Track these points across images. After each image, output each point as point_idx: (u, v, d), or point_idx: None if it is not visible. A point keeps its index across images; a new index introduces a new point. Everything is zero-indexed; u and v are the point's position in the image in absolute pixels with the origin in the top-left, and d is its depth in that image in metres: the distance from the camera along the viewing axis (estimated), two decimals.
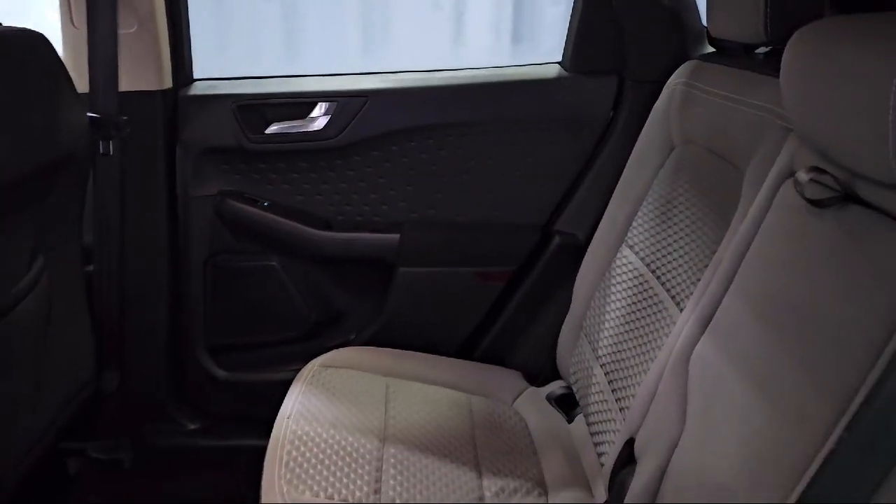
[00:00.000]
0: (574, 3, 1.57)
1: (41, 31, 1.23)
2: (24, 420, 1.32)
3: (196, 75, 1.66)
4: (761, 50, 1.20)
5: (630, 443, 1.06)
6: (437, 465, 1.25)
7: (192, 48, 1.63)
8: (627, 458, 1.06)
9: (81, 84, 1.37)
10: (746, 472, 0.76)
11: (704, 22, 1.45)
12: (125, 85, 1.47)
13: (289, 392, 1.39)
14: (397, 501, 1.15)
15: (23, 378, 1.31)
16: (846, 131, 0.69)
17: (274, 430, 1.28)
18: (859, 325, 0.67)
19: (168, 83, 1.54)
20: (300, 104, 1.59)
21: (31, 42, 1.21)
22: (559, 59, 1.65)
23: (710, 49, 1.38)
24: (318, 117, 1.59)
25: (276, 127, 1.59)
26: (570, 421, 1.46)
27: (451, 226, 1.65)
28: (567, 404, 1.48)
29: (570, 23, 1.59)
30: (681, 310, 1.09)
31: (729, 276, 0.92)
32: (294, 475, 1.16)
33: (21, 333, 1.27)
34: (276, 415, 1.32)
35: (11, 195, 1.13)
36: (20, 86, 1.17)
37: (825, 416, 0.66)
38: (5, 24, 1.21)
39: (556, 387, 1.52)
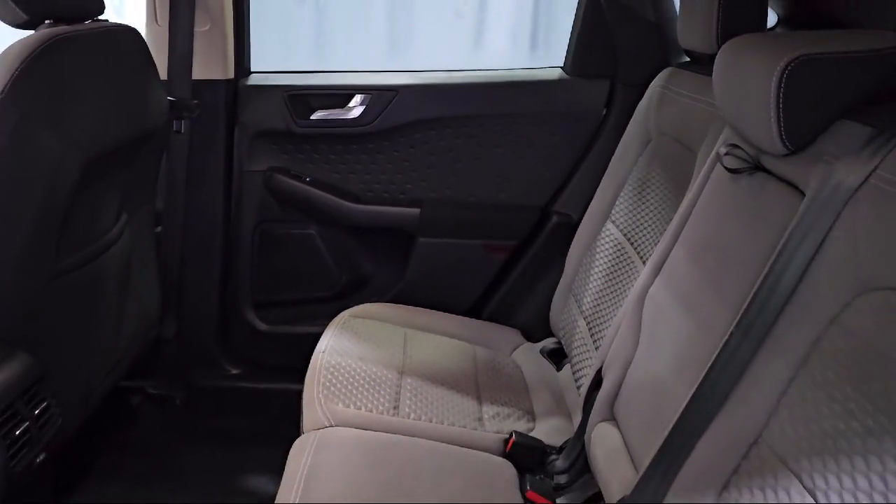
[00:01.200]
0: (575, 17, 1.83)
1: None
2: (106, 351, 1.59)
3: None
4: None
5: (599, 371, 1.32)
6: (445, 394, 1.51)
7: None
8: (596, 383, 1.31)
9: (161, 72, 1.65)
10: (675, 370, 1.02)
11: None
12: (196, 74, 1.75)
13: (323, 334, 1.65)
14: (412, 417, 1.41)
15: (109, 314, 1.57)
16: (749, 116, 0.95)
17: (311, 362, 1.54)
18: (753, 255, 0.93)
19: (231, 74, 1.81)
20: (340, 95, 1.86)
21: (129, 36, 1.49)
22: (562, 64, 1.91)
23: (686, 59, 1.63)
24: (355, 107, 1.86)
25: (319, 114, 1.86)
26: (558, 370, 1.71)
27: (464, 204, 1.91)
28: (557, 357, 1.73)
29: (571, 34, 1.85)
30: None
31: (676, 232, 1.18)
32: (329, 391, 1.42)
33: (109, 276, 1.54)
34: (307, 364, 1.54)
35: (108, 161, 1.39)
36: (121, 71, 1.45)
37: (726, 320, 0.92)
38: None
39: (548, 342, 1.78)
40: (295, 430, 1.39)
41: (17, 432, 1.10)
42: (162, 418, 2.01)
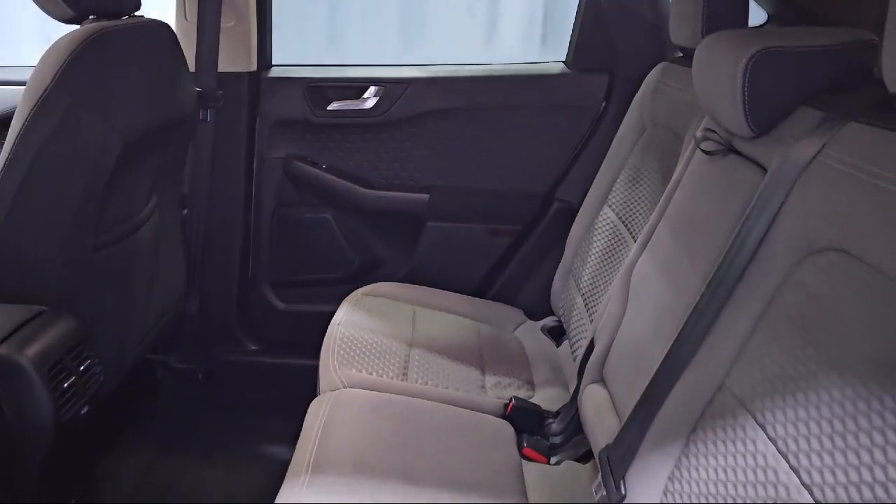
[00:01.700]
0: (576, 14, 1.95)
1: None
2: (138, 321, 1.72)
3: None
4: None
5: (592, 340, 1.43)
6: (450, 365, 1.63)
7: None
8: (589, 351, 1.43)
9: (189, 65, 1.77)
10: (654, 331, 1.13)
11: None
12: (222, 67, 1.88)
13: (338, 310, 1.77)
14: (419, 382, 1.53)
15: (140, 287, 1.70)
16: (721, 103, 1.06)
17: (327, 333, 1.66)
18: (722, 226, 1.04)
19: (254, 67, 1.94)
20: (355, 87, 1.99)
21: (162, 31, 1.61)
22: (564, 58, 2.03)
23: (680, 54, 1.74)
24: (369, 98, 1.98)
25: (335, 105, 1.98)
26: (558, 346, 1.82)
27: (470, 190, 2.03)
28: (557, 334, 1.85)
29: (573, 30, 1.96)
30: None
31: (662, 210, 1.29)
32: (343, 359, 1.54)
33: (140, 253, 1.67)
34: (321, 341, 1.64)
35: (142, 146, 1.51)
36: (155, 63, 1.58)
37: (698, 284, 1.04)
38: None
39: (549, 320, 1.89)
40: (309, 403, 1.46)
41: (66, 385, 1.23)
42: (184, 390, 2.14)
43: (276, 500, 1.15)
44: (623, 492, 1.05)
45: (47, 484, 1.28)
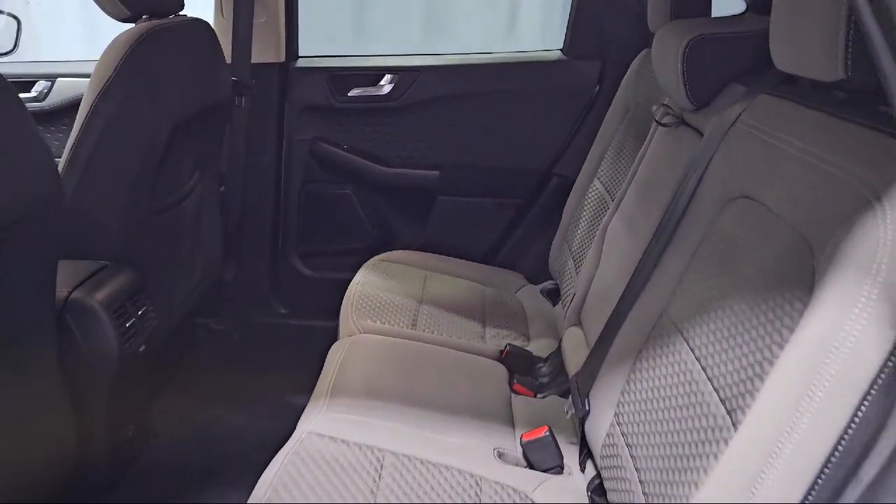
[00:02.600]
0: (570, 6, 2.14)
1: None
2: (182, 283, 1.96)
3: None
4: None
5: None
6: (455, 319, 1.84)
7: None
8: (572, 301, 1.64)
9: (226, 57, 2.00)
10: (617, 275, 1.34)
11: None
12: (254, 58, 2.11)
13: (357, 273, 2.00)
14: (426, 332, 1.75)
15: (185, 253, 1.94)
16: (670, 81, 1.26)
17: (347, 291, 1.89)
18: (670, 184, 1.24)
19: (282, 58, 2.17)
20: (372, 75, 2.21)
21: (202, 27, 1.85)
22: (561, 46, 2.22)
23: None
24: (385, 85, 2.20)
25: (355, 91, 2.21)
26: (554, 305, 2.03)
27: (477, 167, 2.24)
28: (554, 295, 2.05)
29: (568, 20, 2.16)
30: None
31: (632, 177, 1.50)
32: (360, 312, 1.77)
33: (186, 221, 1.91)
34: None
35: (187, 128, 1.74)
36: (197, 55, 1.81)
37: (649, 233, 1.24)
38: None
39: (547, 284, 2.10)
40: None
41: (127, 325, 1.47)
42: (222, 349, 2.38)
43: (301, 422, 1.38)
44: (587, 408, 1.27)
45: (112, 410, 1.53)
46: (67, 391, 1.37)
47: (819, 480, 0.68)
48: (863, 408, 0.66)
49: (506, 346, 1.71)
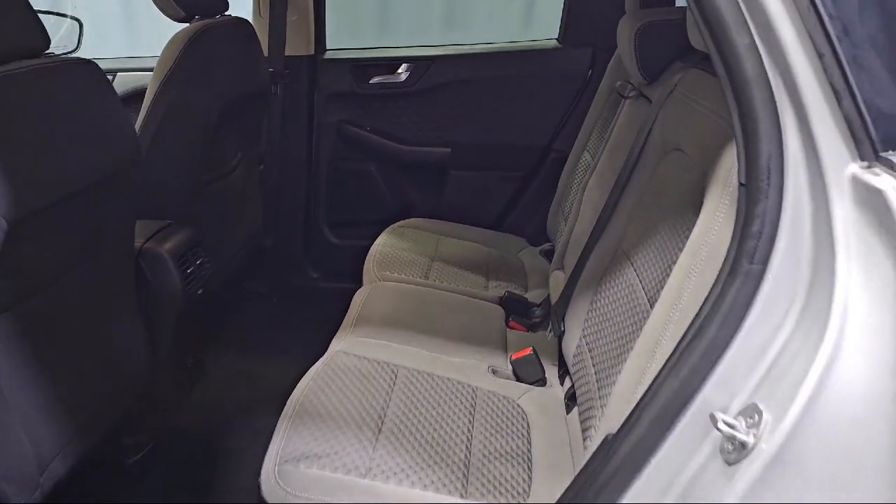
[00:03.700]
0: (564, 1, 2.41)
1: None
2: (228, 244, 2.28)
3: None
4: None
5: None
6: (462, 273, 2.13)
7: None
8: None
9: (263, 50, 2.31)
10: (587, 222, 1.62)
11: None
12: (288, 52, 2.42)
13: (379, 237, 2.30)
14: (436, 282, 2.04)
15: (231, 219, 2.26)
16: (629, 60, 1.53)
17: (369, 251, 2.19)
18: (629, 143, 1.52)
19: (312, 51, 2.47)
20: (391, 65, 2.50)
21: (244, 25, 2.16)
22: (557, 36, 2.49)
23: None
24: (402, 73, 2.49)
25: (376, 79, 2.51)
26: (550, 262, 2.31)
27: (484, 145, 2.52)
28: (551, 255, 2.32)
29: (562, 11, 2.43)
30: None
31: (607, 142, 1.77)
32: (380, 264, 2.07)
33: (231, 193, 2.23)
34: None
35: (232, 111, 2.05)
36: (240, 49, 2.13)
37: (605, 195, 1.52)
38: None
39: (546, 245, 2.38)
40: None
41: (188, 271, 1.79)
42: (263, 308, 2.70)
43: (331, 346, 1.68)
44: (562, 328, 1.55)
45: (178, 342, 1.85)
46: (143, 322, 1.70)
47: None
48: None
49: (504, 293, 2.00)
